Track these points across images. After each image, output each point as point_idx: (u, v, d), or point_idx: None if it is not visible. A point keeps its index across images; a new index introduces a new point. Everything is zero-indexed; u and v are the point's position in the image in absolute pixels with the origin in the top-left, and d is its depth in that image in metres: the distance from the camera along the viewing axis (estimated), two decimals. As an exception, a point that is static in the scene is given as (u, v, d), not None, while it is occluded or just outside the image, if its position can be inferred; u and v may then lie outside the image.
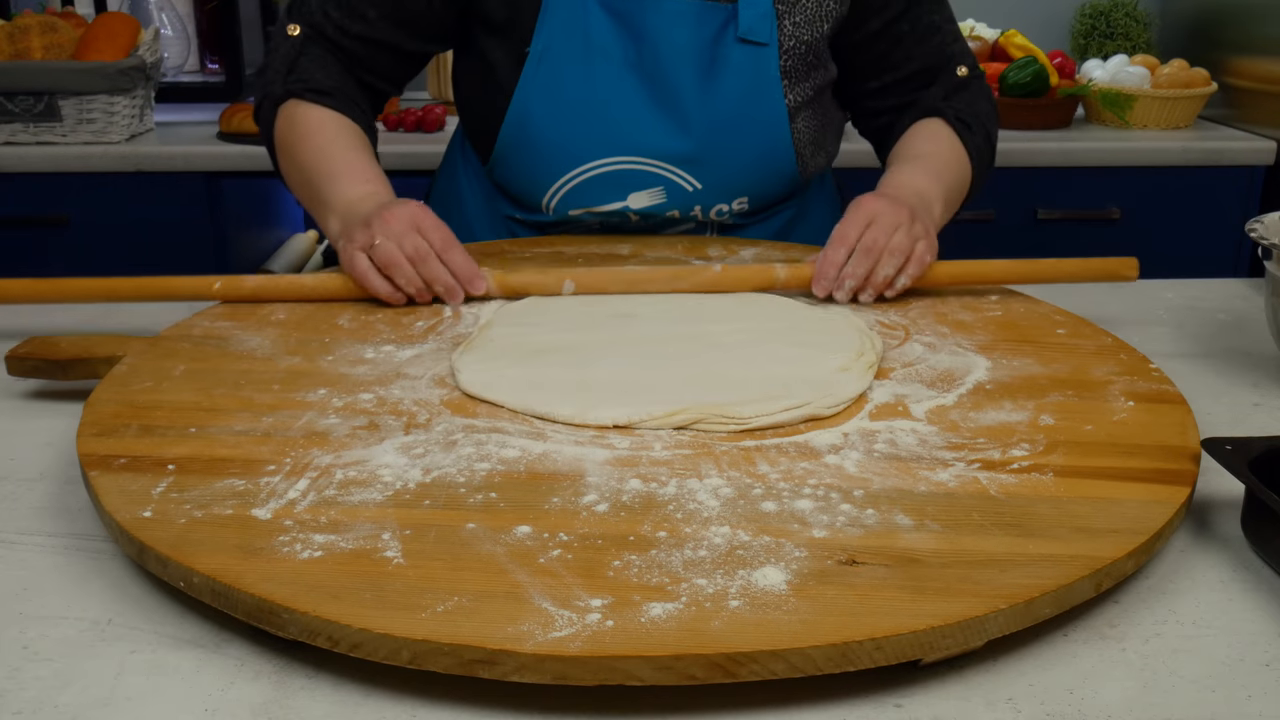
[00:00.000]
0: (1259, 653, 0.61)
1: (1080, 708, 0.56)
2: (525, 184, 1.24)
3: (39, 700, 0.56)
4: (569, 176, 1.21)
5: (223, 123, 2.23)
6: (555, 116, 1.19)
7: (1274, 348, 1.02)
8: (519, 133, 1.20)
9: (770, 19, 1.17)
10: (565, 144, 1.20)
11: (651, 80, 1.18)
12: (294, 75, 1.16)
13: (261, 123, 1.20)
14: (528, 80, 1.18)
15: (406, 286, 1.00)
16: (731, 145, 1.20)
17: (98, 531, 0.71)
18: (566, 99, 1.18)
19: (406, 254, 0.99)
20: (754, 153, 1.21)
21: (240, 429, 0.77)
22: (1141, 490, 0.70)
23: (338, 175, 1.10)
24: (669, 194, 1.22)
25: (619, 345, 0.91)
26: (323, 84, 1.16)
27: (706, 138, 1.19)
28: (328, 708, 0.56)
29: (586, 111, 1.18)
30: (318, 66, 1.17)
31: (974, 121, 1.23)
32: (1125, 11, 2.59)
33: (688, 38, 1.17)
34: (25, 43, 2.13)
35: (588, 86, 1.18)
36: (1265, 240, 0.95)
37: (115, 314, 1.12)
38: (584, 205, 1.23)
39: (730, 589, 0.59)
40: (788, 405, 0.80)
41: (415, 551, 0.62)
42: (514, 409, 0.80)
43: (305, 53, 1.17)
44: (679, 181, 1.21)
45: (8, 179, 2.11)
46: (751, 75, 1.18)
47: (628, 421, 0.78)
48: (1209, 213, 2.24)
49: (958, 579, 0.60)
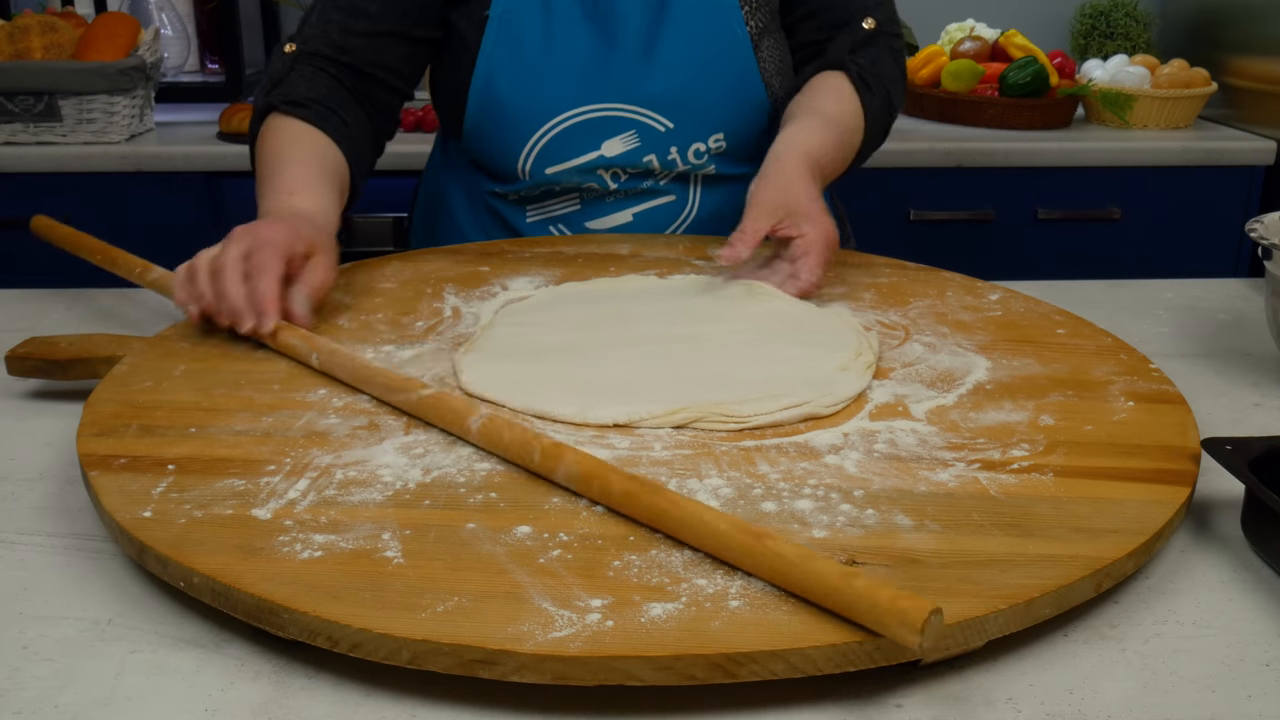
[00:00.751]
0: (1259, 653, 0.61)
1: (1080, 708, 0.56)
2: (498, 151, 1.24)
3: (39, 700, 0.56)
4: (540, 134, 1.21)
5: (223, 123, 2.23)
6: (519, 76, 1.20)
7: (1274, 348, 1.02)
8: (485, 98, 1.21)
9: None
10: (531, 102, 1.20)
11: (609, 26, 1.20)
12: (277, 90, 1.16)
13: (249, 135, 1.20)
14: (489, 43, 1.19)
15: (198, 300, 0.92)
16: (697, 79, 1.21)
17: (98, 531, 0.71)
18: (528, 57, 1.19)
19: (215, 266, 0.91)
20: (722, 84, 1.22)
21: (240, 429, 0.77)
22: (1141, 490, 0.70)
23: (269, 182, 1.07)
24: (642, 137, 1.22)
25: (619, 345, 0.91)
26: (300, 96, 1.15)
27: (670, 74, 1.20)
28: (328, 708, 0.56)
29: (549, 66, 1.20)
30: (303, 80, 1.16)
31: (874, 82, 1.20)
32: (1125, 11, 2.59)
33: None
34: (25, 43, 2.13)
35: (548, 42, 1.19)
36: (1265, 240, 0.95)
37: (115, 314, 1.12)
38: (558, 161, 1.23)
39: (730, 589, 0.59)
40: (787, 404, 0.80)
41: (415, 551, 0.62)
42: (515, 408, 0.80)
43: (295, 69, 1.17)
44: (650, 123, 1.21)
45: (8, 179, 2.10)
46: (708, 5, 1.20)
47: (627, 420, 0.78)
48: (1209, 213, 2.24)
49: (958, 579, 0.60)
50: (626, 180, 1.24)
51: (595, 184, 1.24)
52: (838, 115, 1.17)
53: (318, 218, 1.01)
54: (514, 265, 1.13)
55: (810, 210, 1.04)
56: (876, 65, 1.22)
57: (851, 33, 1.23)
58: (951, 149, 2.16)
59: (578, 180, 1.24)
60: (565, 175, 1.24)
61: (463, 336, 0.95)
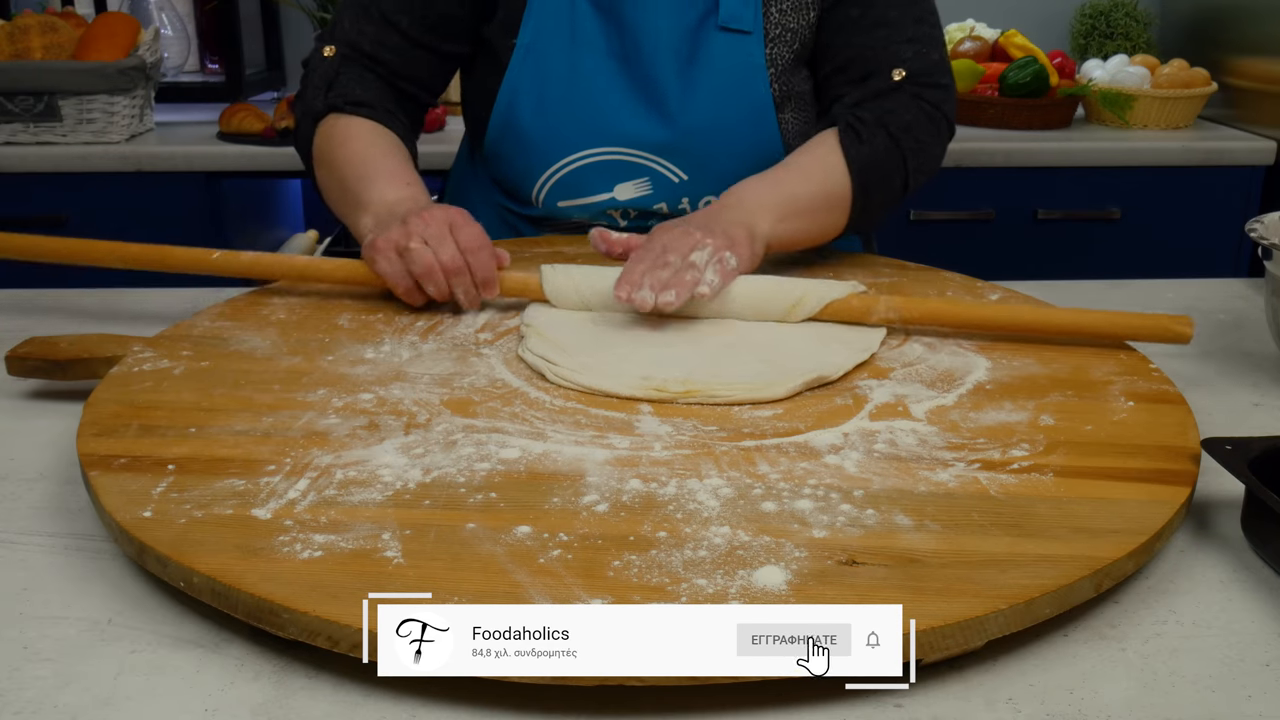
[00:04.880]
0: (1259, 653, 0.61)
1: (1080, 708, 0.56)
2: (514, 176, 1.25)
3: (39, 700, 0.56)
4: (556, 168, 1.22)
5: (223, 123, 2.23)
6: (541, 108, 1.19)
7: (1274, 348, 1.02)
8: (506, 124, 1.21)
9: (755, 6, 1.16)
10: (550, 135, 1.20)
11: (634, 70, 1.18)
12: (334, 91, 1.16)
13: (300, 140, 1.20)
14: (514, 71, 1.19)
15: (434, 293, 0.99)
16: (715, 136, 1.20)
17: (98, 531, 0.71)
18: (551, 90, 1.19)
19: (442, 262, 0.97)
20: (740, 145, 1.21)
21: (240, 429, 0.77)
22: (1141, 490, 0.70)
23: (375, 177, 1.09)
24: (654, 185, 1.22)
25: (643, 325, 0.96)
26: (361, 97, 1.16)
27: (689, 128, 1.19)
28: (328, 708, 0.56)
29: (571, 102, 1.19)
30: (356, 82, 1.17)
31: (869, 129, 1.10)
32: (1125, 11, 2.59)
33: (668, 26, 1.17)
34: (25, 43, 2.13)
35: (572, 77, 1.19)
36: (1265, 240, 0.95)
37: (115, 314, 1.12)
38: (571, 197, 1.23)
39: (730, 589, 0.59)
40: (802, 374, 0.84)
41: (415, 551, 0.62)
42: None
43: (343, 71, 1.18)
44: (664, 172, 1.21)
45: (8, 179, 2.10)
46: (734, 64, 1.18)
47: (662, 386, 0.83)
48: (1209, 213, 2.24)
49: (958, 579, 0.60)
50: (636, 219, 1.25)
51: (605, 223, 1.25)
52: (793, 161, 1.11)
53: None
54: (515, 265, 1.13)
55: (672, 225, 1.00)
56: (889, 115, 1.11)
57: (872, 85, 1.14)
58: (951, 149, 2.11)
59: (588, 217, 1.25)
60: (577, 211, 1.24)
61: (464, 337, 0.95)
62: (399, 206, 1.04)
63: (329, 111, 1.16)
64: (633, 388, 0.83)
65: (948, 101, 1.17)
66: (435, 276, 0.97)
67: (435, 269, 0.97)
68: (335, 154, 1.13)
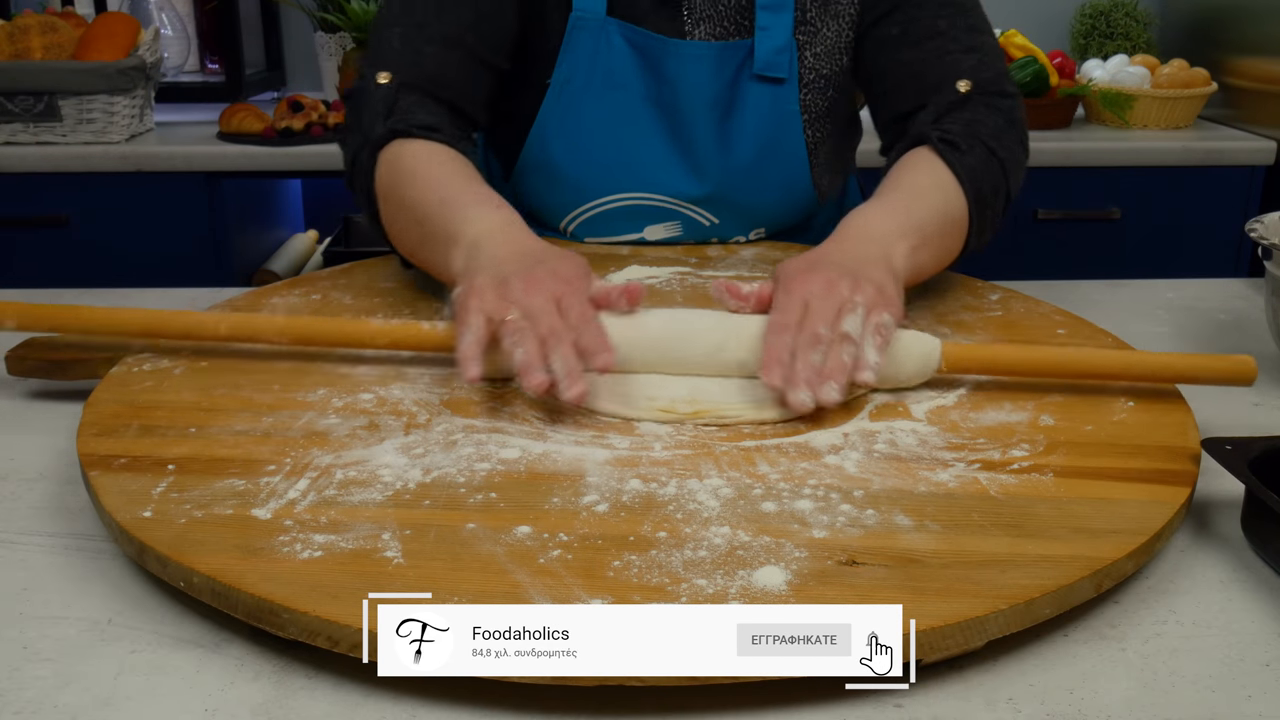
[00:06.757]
0: (1259, 653, 0.61)
1: (1080, 708, 0.56)
2: (543, 208, 1.24)
3: (39, 700, 0.56)
4: (585, 208, 1.21)
5: (222, 123, 2.23)
6: (573, 149, 1.18)
7: (1274, 348, 1.02)
8: (537, 160, 1.20)
9: (790, 51, 1.15)
10: (582, 177, 1.19)
11: (670, 120, 1.17)
12: (395, 116, 1.05)
13: (359, 174, 1.05)
14: (548, 109, 1.17)
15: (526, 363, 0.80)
16: (749, 186, 1.20)
17: (98, 531, 0.71)
18: (585, 132, 1.17)
19: (540, 334, 0.79)
20: (773, 193, 1.21)
21: (240, 429, 0.77)
22: (1141, 490, 0.70)
23: (464, 204, 0.95)
24: (685, 228, 1.22)
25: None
26: (427, 121, 1.05)
27: (724, 181, 1.19)
28: (328, 708, 0.56)
29: (604, 146, 1.18)
30: (419, 107, 1.07)
31: (964, 140, 1.03)
32: (1125, 11, 2.59)
33: (707, 80, 1.15)
34: (25, 43, 2.13)
35: (606, 121, 1.17)
36: (1265, 240, 0.95)
37: (115, 314, 1.12)
38: (600, 235, 1.23)
39: (730, 589, 0.59)
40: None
41: (415, 551, 0.62)
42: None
43: (402, 96, 1.06)
44: (696, 218, 1.21)
45: (8, 179, 2.11)
46: (770, 114, 1.17)
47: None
48: (1209, 213, 2.24)
49: (957, 579, 0.60)
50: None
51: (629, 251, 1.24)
52: (905, 183, 1.02)
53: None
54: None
55: (814, 303, 0.83)
56: (976, 124, 1.05)
57: (942, 99, 1.08)
58: (951, 149, 2.15)
59: (614, 248, 1.23)
60: (604, 247, 1.24)
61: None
62: (497, 241, 0.90)
63: (393, 137, 1.03)
64: (641, 410, 0.80)
65: (1019, 109, 1.11)
66: (529, 350, 0.79)
67: (531, 346, 0.79)
68: (408, 183, 1.01)
